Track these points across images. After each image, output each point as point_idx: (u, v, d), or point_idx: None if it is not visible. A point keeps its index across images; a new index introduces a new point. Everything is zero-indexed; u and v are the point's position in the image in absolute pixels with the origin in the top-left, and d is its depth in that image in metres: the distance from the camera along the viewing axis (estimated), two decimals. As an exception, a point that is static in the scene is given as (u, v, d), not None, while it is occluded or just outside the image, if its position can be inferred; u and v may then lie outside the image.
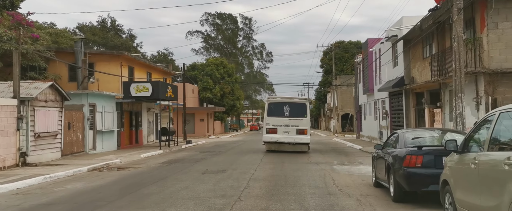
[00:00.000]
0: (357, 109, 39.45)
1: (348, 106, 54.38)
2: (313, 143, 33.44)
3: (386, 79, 27.11)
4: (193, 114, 53.92)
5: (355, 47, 74.02)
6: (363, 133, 36.71)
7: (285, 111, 22.82)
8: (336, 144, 33.64)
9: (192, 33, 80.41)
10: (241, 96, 67.80)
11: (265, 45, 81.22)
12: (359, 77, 38.42)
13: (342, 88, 54.35)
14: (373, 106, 32.00)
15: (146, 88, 26.68)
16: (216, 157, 22.46)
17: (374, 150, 12.10)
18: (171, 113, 40.17)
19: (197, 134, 53.21)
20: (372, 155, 12.28)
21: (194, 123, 53.90)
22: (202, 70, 65.22)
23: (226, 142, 40.54)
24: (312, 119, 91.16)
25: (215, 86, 63.52)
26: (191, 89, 59.26)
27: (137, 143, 30.42)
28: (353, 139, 39.53)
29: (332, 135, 51.67)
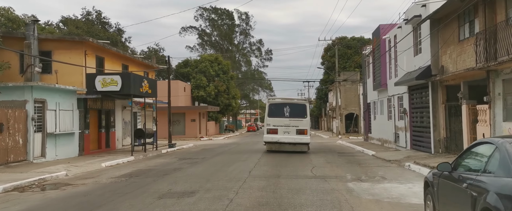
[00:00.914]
0: (365, 108, 34.55)
1: (353, 105, 49.49)
2: (315, 148, 28.81)
3: (405, 71, 22.24)
4: (183, 113, 49.05)
5: (358, 43, 69.14)
6: (373, 134, 31.80)
7: (286, 112, 22.67)
8: (343, 148, 28.75)
9: (186, 29, 75.57)
10: (237, 95, 62.91)
11: (263, 42, 76.35)
12: (367, 72, 33.52)
13: (346, 86, 49.46)
14: (386, 103, 27.11)
15: (115, 81, 21.79)
16: (195, 166, 17.56)
17: (431, 173, 7.22)
18: (155, 112, 35.24)
19: (188, 136, 48.34)
20: (427, 179, 7.32)
21: (184, 124, 49.02)
22: (195, 67, 60.41)
23: (217, 145, 35.65)
24: (313, 119, 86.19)
25: (209, 84, 58.69)
26: (183, 87, 54.40)
27: (109, 147, 25.52)
28: (360, 141, 34.62)
29: (335, 137, 46.79)
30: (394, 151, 23.59)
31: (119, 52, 26.70)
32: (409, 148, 22.44)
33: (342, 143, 34.15)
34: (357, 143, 32.49)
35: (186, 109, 49.10)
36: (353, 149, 27.64)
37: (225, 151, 27.62)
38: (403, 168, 16.21)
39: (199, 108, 49.94)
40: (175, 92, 52.10)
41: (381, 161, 19.28)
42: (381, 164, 17.77)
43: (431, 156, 18.28)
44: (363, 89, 35.01)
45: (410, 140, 22.38)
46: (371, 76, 31.21)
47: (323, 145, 33.39)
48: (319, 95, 71.36)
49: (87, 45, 22.79)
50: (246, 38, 77.03)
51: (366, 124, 34.13)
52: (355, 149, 27.64)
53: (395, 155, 20.66)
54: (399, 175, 14.35)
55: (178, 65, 61.24)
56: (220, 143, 38.51)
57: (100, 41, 24.17)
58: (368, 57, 32.24)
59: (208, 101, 57.29)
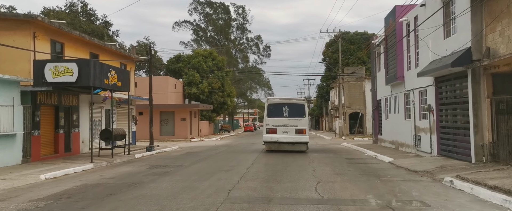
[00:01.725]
0: (374, 105, 30.01)
1: (357, 103, 44.97)
2: (318, 151, 24.49)
3: (430, 58, 17.75)
4: (172, 112, 44.54)
5: (361, 38, 64.69)
6: (384, 136, 27.29)
7: (284, 112, 22.62)
8: (350, 152, 24.25)
9: (179, 24, 71.01)
10: (233, 93, 58.40)
11: (261, 37, 71.78)
12: (377, 64, 29.00)
13: (350, 82, 44.94)
14: (403, 99, 22.59)
15: (69, 70, 17.27)
16: (160, 180, 13.03)
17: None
18: (134, 110, 30.72)
19: (178, 136, 43.85)
20: None
21: (174, 123, 44.51)
22: (188, 63, 55.92)
23: (206, 147, 31.14)
24: (313, 118, 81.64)
25: (203, 81, 54.21)
26: (173, 84, 49.90)
27: (69, 151, 21.01)
28: (368, 144, 30.09)
29: (339, 138, 42.29)
30: (416, 157, 19.08)
31: (84, 37, 22.12)
32: (436, 154, 17.91)
33: (348, 146, 29.64)
34: (365, 145, 27.97)
35: (176, 107, 44.60)
36: (363, 154, 23.14)
37: (211, 155, 23.14)
38: (443, 185, 11.69)
39: (190, 106, 45.43)
40: (164, 89, 47.66)
41: (405, 171, 14.77)
42: (408, 177, 13.24)
43: (473, 166, 13.77)
44: (372, 84, 30.47)
45: (437, 143, 17.86)
46: (383, 69, 26.71)
47: (326, 147, 28.90)
48: (320, 93, 66.84)
49: (36, 26, 18.26)
50: (243, 33, 72.56)
51: (375, 124, 29.62)
52: (365, 153, 23.14)
53: (421, 163, 16.15)
54: (444, 197, 9.84)
55: (169, 61, 56.76)
56: (210, 145, 34.01)
57: (55, 21, 19.56)
58: (379, 47, 27.73)
59: (201, 100, 52.86)
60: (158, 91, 47.08)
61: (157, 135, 43.83)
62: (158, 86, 47.55)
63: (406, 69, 21.71)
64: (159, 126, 44.25)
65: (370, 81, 44.43)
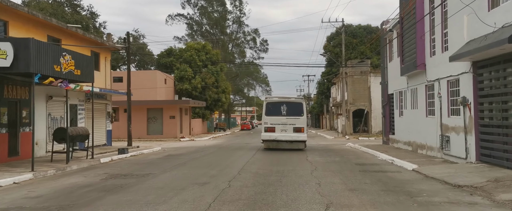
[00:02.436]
0: (384, 101, 25.95)
1: (362, 100, 40.93)
2: (321, 153, 20.87)
3: (466, 38, 13.74)
4: (160, 109, 40.49)
5: (364, 32, 60.64)
6: (397, 136, 23.27)
7: (283, 110, 22.46)
8: (358, 155, 20.22)
9: (173, 18, 66.90)
10: (228, 89, 54.35)
11: (259, 31, 67.73)
12: (387, 53, 24.95)
13: (354, 77, 40.88)
14: (424, 92, 18.52)
15: (2, 52, 13.23)
16: (97, 205, 9.03)
17: None
18: (110, 106, 26.71)
19: (166, 135, 39.81)
20: None
21: (162, 121, 40.45)
22: (180, 57, 51.85)
23: (193, 148, 27.14)
24: (313, 116, 77.62)
25: (195, 76, 50.14)
26: (163, 79, 45.84)
27: (16, 155, 16.95)
28: (377, 145, 26.05)
29: (342, 138, 38.26)
30: (445, 163, 15.05)
31: (37, 16, 18.00)
32: (474, 159, 13.86)
33: (354, 147, 25.63)
34: (375, 146, 23.94)
35: (164, 103, 40.54)
36: (375, 157, 19.12)
37: (194, 158, 19.18)
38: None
39: (180, 102, 41.35)
40: (152, 83, 43.63)
41: (443, 186, 10.74)
42: (455, 198, 9.19)
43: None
44: (382, 77, 26.41)
45: (475, 146, 13.81)
46: (396, 58, 22.68)
47: (329, 148, 24.88)
48: (320, 89, 62.78)
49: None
50: (240, 27, 68.42)
51: (385, 122, 25.56)
52: (377, 156, 19.14)
53: (460, 173, 12.11)
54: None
55: (160, 55, 52.67)
56: (199, 145, 29.97)
57: None
58: (391, 33, 23.67)
59: (194, 96, 48.81)
60: (146, 86, 43.06)
61: (144, 134, 39.85)
62: (145, 81, 43.53)
63: (429, 55, 17.66)
64: (146, 124, 40.23)
65: (376, 75, 40.38)
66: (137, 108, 39.95)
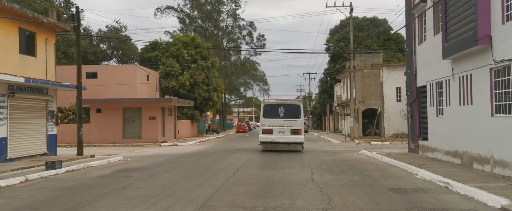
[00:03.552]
0: (412, 96, 19.54)
1: (373, 97, 34.67)
2: (331, 168, 14.57)
3: None
4: (139, 109, 34.23)
5: (371, 24, 54.53)
6: (433, 142, 17.01)
7: (280, 112, 22.15)
8: (386, 172, 13.94)
9: (162, 11, 60.65)
10: (221, 87, 48.10)
11: (255, 25, 61.42)
12: (417, 31, 18.66)
13: (364, 71, 34.60)
14: (489, 78, 12.22)
15: None
16: None
17: None
18: (54, 105, 20.47)
19: (145, 139, 33.58)
20: None
21: (140, 123, 34.18)
22: (166, 51, 45.64)
23: (166, 157, 20.96)
24: (315, 117, 71.44)
25: (183, 73, 43.93)
26: (145, 75, 39.62)
27: None
28: (402, 153, 19.74)
29: (350, 142, 32.02)
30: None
31: None
32: None
33: (371, 156, 19.40)
34: (401, 157, 17.68)
35: (143, 102, 34.25)
36: (411, 175, 12.91)
37: (149, 176, 13.04)
38: None
39: (162, 101, 35.05)
40: (131, 80, 37.43)
41: None
42: None
43: None
44: (408, 65, 20.04)
45: None
46: (433, 36, 16.43)
47: (340, 158, 18.64)
48: (323, 88, 56.52)
49: None
50: (235, 21, 62.15)
51: (414, 124, 19.20)
52: (415, 174, 12.95)
53: None
54: None
55: (144, 49, 46.44)
56: (176, 153, 23.76)
57: None
58: (423, 4, 17.36)
59: (181, 95, 42.62)
60: (123, 82, 36.82)
61: (119, 138, 33.62)
62: (123, 77, 37.31)
63: (500, 21, 11.40)
64: (122, 127, 33.99)
65: (389, 69, 34.15)
66: (110, 108, 33.76)
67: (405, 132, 33.60)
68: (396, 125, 33.89)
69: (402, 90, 34.26)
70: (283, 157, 20.19)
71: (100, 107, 33.84)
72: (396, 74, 33.66)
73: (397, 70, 33.94)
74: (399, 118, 33.59)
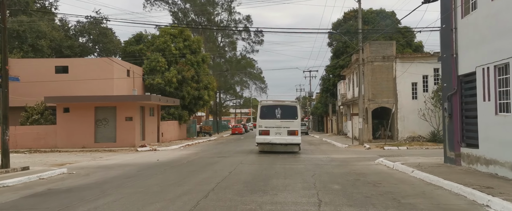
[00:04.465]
0: (450, 89, 14.42)
1: (385, 95, 29.62)
2: (346, 192, 8.84)
3: None
4: (113, 107, 29.18)
5: (378, 17, 49.52)
6: (488, 152, 12.04)
7: (277, 113, 21.89)
8: (440, 203, 8.86)
9: (152, 3, 55.66)
10: (213, 85, 43.09)
11: (251, 18, 56.43)
12: (454, 1, 13.58)
13: (375, 64, 29.55)
14: None
15: None
16: None
17: None
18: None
19: (121, 143, 28.56)
20: None
21: (115, 125, 29.14)
22: (152, 44, 40.69)
23: (128, 168, 16.08)
24: (316, 118, 66.39)
25: (170, 68, 38.99)
26: (125, 70, 34.68)
27: None
28: (439, 165, 14.66)
29: (359, 146, 27.00)
30: None
31: None
32: None
33: (395, 168, 14.43)
34: (441, 171, 12.67)
35: (118, 99, 29.14)
36: (482, 208, 7.87)
37: (69, 206, 8.01)
38: None
39: (140, 98, 29.91)
40: (107, 75, 32.47)
41: None
42: None
43: None
44: (444, 47, 14.90)
45: None
46: (484, 2, 11.40)
47: (352, 172, 13.60)
48: (325, 86, 51.47)
49: None
50: (231, 15, 57.14)
51: (454, 125, 14.08)
52: (489, 207, 7.90)
53: None
54: None
55: (127, 42, 41.45)
56: (148, 162, 18.81)
57: None
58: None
59: (168, 93, 37.69)
60: (98, 78, 31.86)
61: (91, 141, 28.60)
62: (97, 72, 32.33)
63: None
64: (94, 129, 28.94)
65: (404, 61, 29.15)
66: (80, 107, 28.74)
67: (422, 135, 28.56)
68: (412, 126, 28.87)
69: (419, 86, 29.24)
70: (278, 167, 15.23)
71: (68, 105, 28.81)
72: (412, 68, 28.68)
73: (414, 62, 28.92)
74: (415, 118, 28.59)
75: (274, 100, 23.72)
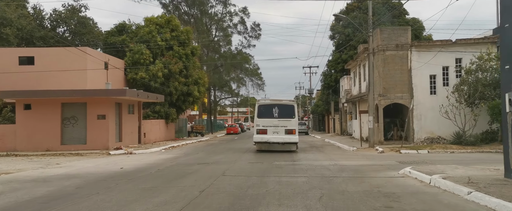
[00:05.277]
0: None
1: (398, 89, 25.26)
2: None
3: None
4: (83, 104, 24.81)
5: (383, 8, 45.15)
6: None
7: (274, 112, 21.69)
8: None
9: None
10: (204, 80, 38.75)
11: (248, 11, 51.99)
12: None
13: (386, 53, 25.17)
14: None
15: None
16: None
17: None
18: None
19: (92, 145, 24.24)
20: None
21: (85, 124, 24.78)
22: (135, 35, 36.37)
23: (72, 182, 11.82)
24: (316, 117, 62.03)
25: (155, 61, 34.70)
26: (102, 62, 30.33)
27: None
28: (499, 181, 10.35)
29: (370, 149, 22.66)
30: None
31: None
32: None
33: (433, 184, 10.19)
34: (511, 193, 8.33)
35: (88, 94, 24.70)
36: None
37: None
38: None
39: (113, 93, 25.36)
40: (79, 65, 28.21)
41: None
42: None
43: None
44: (508, 12, 10.56)
45: None
46: None
47: (375, 191, 9.25)
48: (326, 82, 47.08)
49: None
50: (226, 7, 52.73)
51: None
52: None
53: None
54: None
55: (108, 32, 37.09)
56: (109, 171, 14.62)
57: None
58: None
59: (153, 88, 33.42)
60: (64, 68, 27.55)
61: (57, 143, 24.28)
62: (66, 63, 28.03)
63: None
64: (61, 128, 24.59)
65: (421, 50, 24.87)
66: (44, 103, 24.40)
67: (442, 136, 24.26)
68: (430, 125, 24.58)
69: (438, 79, 24.92)
70: (272, 182, 10.97)
71: (30, 101, 24.46)
72: (430, 58, 24.36)
73: (432, 51, 24.60)
74: (434, 116, 24.30)
75: (271, 99, 23.41)
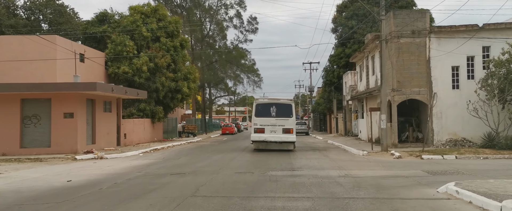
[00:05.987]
0: None
1: (414, 83, 21.36)
2: None
3: None
4: (47, 100, 20.96)
5: None
6: None
7: (272, 111, 21.50)
8: None
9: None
10: (194, 75, 34.93)
11: (244, 4, 48.13)
12: None
13: (401, 41, 21.28)
14: None
15: None
16: None
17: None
18: None
19: (58, 148, 20.44)
20: None
21: (50, 123, 20.94)
22: (118, 26, 32.55)
23: None
24: (317, 116, 58.15)
25: (140, 54, 30.90)
26: (77, 54, 26.49)
27: None
28: None
29: (382, 153, 18.86)
30: None
31: None
32: None
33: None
34: None
35: (52, 88, 20.79)
36: None
37: None
38: None
39: (81, 87, 21.39)
40: (46, 55, 24.44)
41: None
42: None
43: None
44: None
45: None
46: None
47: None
48: (328, 79, 43.22)
49: None
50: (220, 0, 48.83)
51: None
52: None
53: None
54: None
55: (89, 22, 33.27)
56: (47, 186, 10.87)
57: None
58: None
59: (137, 84, 29.66)
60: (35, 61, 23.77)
61: (16, 146, 20.48)
62: (33, 53, 24.23)
63: None
64: (20, 129, 20.76)
65: (441, 37, 21.06)
66: (0, 99, 20.58)
67: (467, 137, 20.53)
68: (453, 125, 20.77)
69: (462, 71, 21.12)
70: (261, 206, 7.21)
71: (-16, 97, 20.64)
72: (452, 46, 20.58)
73: (454, 38, 20.79)
74: (458, 114, 20.51)
75: (269, 98, 23.11)
